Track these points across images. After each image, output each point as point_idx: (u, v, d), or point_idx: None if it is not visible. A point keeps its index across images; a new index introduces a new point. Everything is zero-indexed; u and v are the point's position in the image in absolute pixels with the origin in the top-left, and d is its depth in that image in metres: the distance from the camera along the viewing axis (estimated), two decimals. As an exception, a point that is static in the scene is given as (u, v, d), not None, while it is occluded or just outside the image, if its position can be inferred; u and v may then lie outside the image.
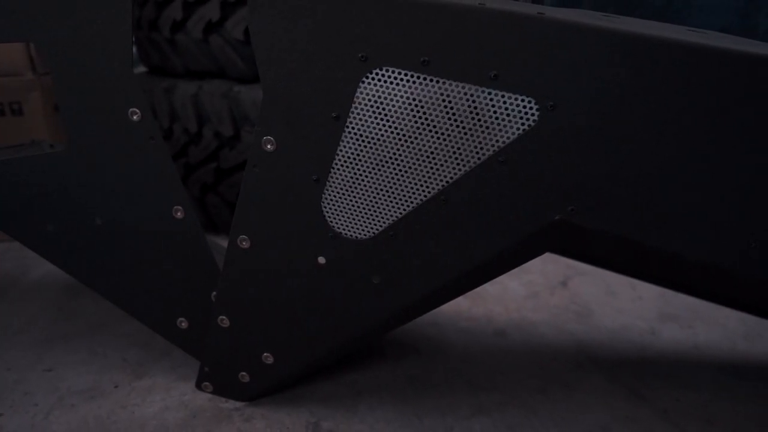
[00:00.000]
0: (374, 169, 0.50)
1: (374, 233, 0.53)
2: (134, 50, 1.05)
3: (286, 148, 0.52)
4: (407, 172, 0.50)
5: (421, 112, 0.47)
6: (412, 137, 0.48)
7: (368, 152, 0.50)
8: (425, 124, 0.48)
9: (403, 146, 0.49)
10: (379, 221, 0.52)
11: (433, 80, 0.46)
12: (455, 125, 0.47)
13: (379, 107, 0.48)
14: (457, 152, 0.48)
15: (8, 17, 0.55)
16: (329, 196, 0.53)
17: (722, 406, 0.68)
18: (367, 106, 0.49)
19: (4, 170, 0.62)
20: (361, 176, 0.51)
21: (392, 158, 0.49)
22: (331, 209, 0.53)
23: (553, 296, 0.95)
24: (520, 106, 0.45)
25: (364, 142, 0.50)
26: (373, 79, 0.48)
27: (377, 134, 0.49)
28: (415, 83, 0.47)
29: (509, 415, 0.64)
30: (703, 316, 0.90)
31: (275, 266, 0.57)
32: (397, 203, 0.51)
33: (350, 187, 0.52)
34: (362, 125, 0.49)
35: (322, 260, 0.55)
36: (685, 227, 0.45)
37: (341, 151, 0.51)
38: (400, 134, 0.49)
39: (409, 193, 0.50)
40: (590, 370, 0.74)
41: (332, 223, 0.54)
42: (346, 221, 0.53)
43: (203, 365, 0.65)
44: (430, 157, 0.49)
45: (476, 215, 0.49)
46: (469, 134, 0.47)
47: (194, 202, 1.15)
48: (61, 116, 0.59)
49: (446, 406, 0.66)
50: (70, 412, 0.63)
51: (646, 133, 0.44)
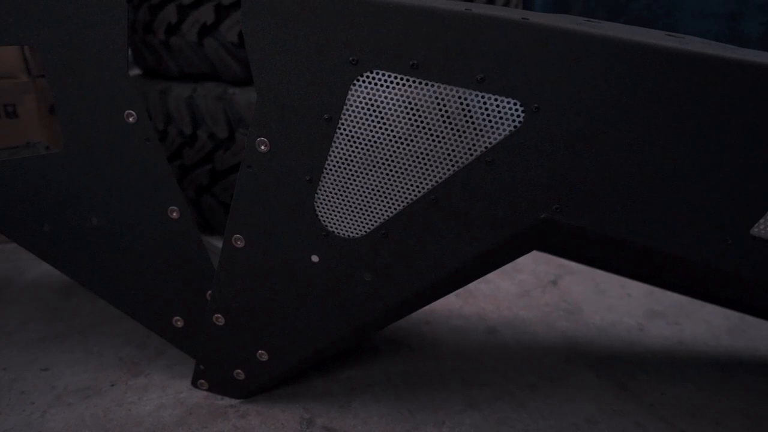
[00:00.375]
0: (366, 169, 0.52)
1: (366, 232, 0.54)
2: (129, 53, 1.06)
3: (279, 149, 0.53)
4: (398, 172, 0.51)
5: (410, 113, 0.49)
6: (402, 138, 0.50)
7: (360, 153, 0.51)
8: (415, 125, 0.49)
9: (393, 147, 0.50)
10: (370, 220, 0.53)
11: (422, 83, 0.48)
12: (444, 127, 0.48)
13: (369, 109, 0.50)
14: (446, 153, 0.49)
15: (4, 21, 0.56)
16: (322, 195, 0.54)
17: (706, 399, 0.69)
18: (358, 108, 0.50)
19: (1, 172, 0.63)
20: (352, 176, 0.52)
21: (383, 159, 0.51)
22: (323, 209, 0.54)
23: (544, 295, 0.97)
24: (506, 108, 0.47)
25: (355, 143, 0.51)
26: (363, 81, 0.49)
27: (368, 135, 0.51)
28: (404, 86, 0.48)
29: (499, 409, 0.66)
30: (689, 312, 0.92)
31: (269, 265, 0.58)
32: (388, 202, 0.52)
33: (342, 187, 0.53)
34: (354, 127, 0.51)
35: (315, 258, 0.56)
36: (665, 225, 0.47)
37: (333, 151, 0.52)
38: (390, 135, 0.50)
39: (399, 192, 0.52)
40: (579, 365, 0.76)
41: (325, 222, 0.55)
42: (338, 220, 0.54)
43: (198, 363, 0.66)
44: (419, 157, 0.50)
45: (465, 214, 0.51)
46: (457, 135, 0.48)
47: (189, 203, 1.16)
48: (57, 118, 0.59)
49: (438, 401, 0.67)
50: (66, 410, 0.64)
51: (626, 134, 0.45)
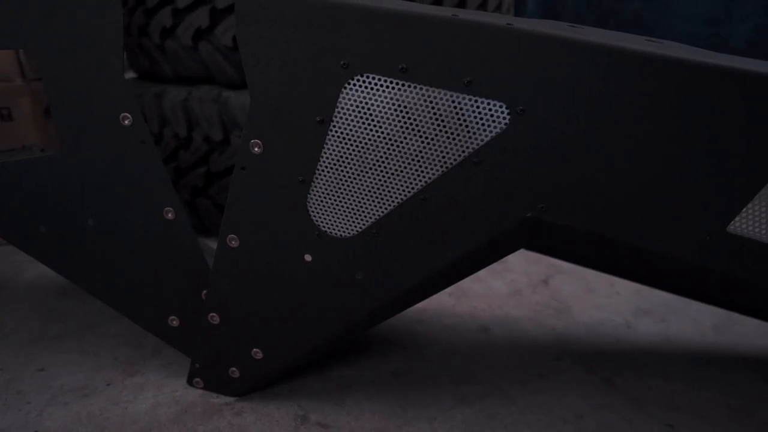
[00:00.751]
0: (357, 170, 0.53)
1: (357, 232, 0.55)
2: (124, 56, 1.07)
3: (273, 150, 0.55)
4: (388, 172, 0.52)
5: (400, 116, 0.50)
6: (392, 140, 0.51)
7: (351, 154, 0.53)
8: (404, 127, 0.51)
9: (383, 148, 0.52)
10: (362, 220, 0.55)
11: (411, 86, 0.49)
12: (433, 128, 0.50)
13: (360, 111, 0.51)
14: (434, 154, 0.51)
15: (1, 26, 0.57)
16: (314, 196, 0.55)
17: (690, 393, 0.71)
18: (349, 110, 0.51)
19: (-2, 174, 0.64)
20: (344, 177, 0.54)
21: (374, 160, 0.52)
22: (316, 209, 0.56)
23: (534, 294, 0.99)
24: (492, 110, 0.48)
25: (347, 144, 0.53)
26: (354, 85, 0.51)
27: (360, 137, 0.52)
28: (394, 89, 0.50)
29: (489, 404, 0.67)
30: (675, 310, 0.93)
31: (263, 264, 0.59)
32: (379, 202, 0.54)
33: (334, 187, 0.54)
34: (345, 129, 0.52)
35: (308, 258, 0.58)
36: (646, 223, 0.49)
37: (325, 153, 0.53)
38: (381, 137, 0.51)
39: (390, 192, 0.53)
40: (568, 362, 0.77)
41: (317, 222, 0.56)
42: (330, 220, 0.56)
43: (194, 362, 0.67)
44: (409, 158, 0.51)
45: (454, 213, 0.52)
46: (445, 137, 0.50)
47: (185, 204, 1.17)
48: (53, 121, 0.61)
49: (430, 397, 0.69)
50: (63, 409, 0.65)
51: (608, 135, 0.47)
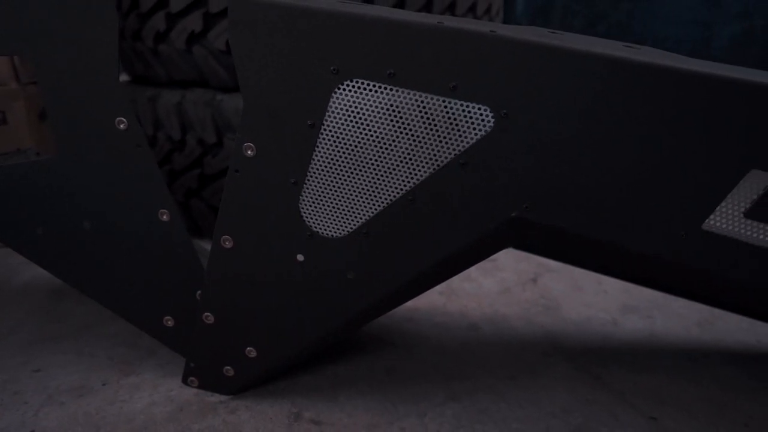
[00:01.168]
0: (347, 172, 0.55)
1: (348, 232, 0.57)
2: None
3: (265, 153, 0.56)
4: (377, 174, 0.54)
5: (388, 119, 0.52)
6: (381, 143, 0.53)
7: (341, 157, 0.54)
8: (393, 130, 0.52)
9: (373, 151, 0.53)
10: (352, 221, 0.56)
11: (399, 90, 0.51)
12: (420, 131, 0.52)
13: (350, 115, 0.53)
14: (422, 156, 0.52)
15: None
16: (306, 197, 0.57)
17: (675, 387, 0.73)
18: (339, 114, 0.53)
19: (-6, 177, 0.65)
20: (335, 179, 0.55)
21: (363, 162, 0.54)
22: (308, 210, 0.57)
23: (524, 292, 1.00)
24: (477, 113, 0.50)
25: (337, 147, 0.54)
26: (344, 89, 0.52)
27: (349, 140, 0.54)
28: (382, 93, 0.51)
29: (479, 400, 0.69)
30: (661, 307, 0.96)
31: (257, 264, 0.61)
32: (368, 204, 0.55)
33: (325, 189, 0.56)
34: (335, 132, 0.54)
35: (300, 258, 0.59)
36: (625, 221, 0.51)
37: (317, 156, 0.55)
38: (370, 140, 0.53)
39: (379, 194, 0.55)
40: (556, 358, 0.79)
41: (309, 223, 0.58)
42: (322, 221, 0.57)
43: (189, 361, 0.69)
44: (397, 160, 0.53)
45: (441, 213, 0.54)
46: (432, 139, 0.52)
47: (179, 206, 1.18)
48: (50, 125, 0.62)
49: (420, 394, 0.70)
50: (59, 409, 0.66)
51: (587, 138, 0.49)
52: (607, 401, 0.70)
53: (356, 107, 0.52)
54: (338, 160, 0.54)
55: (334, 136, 0.54)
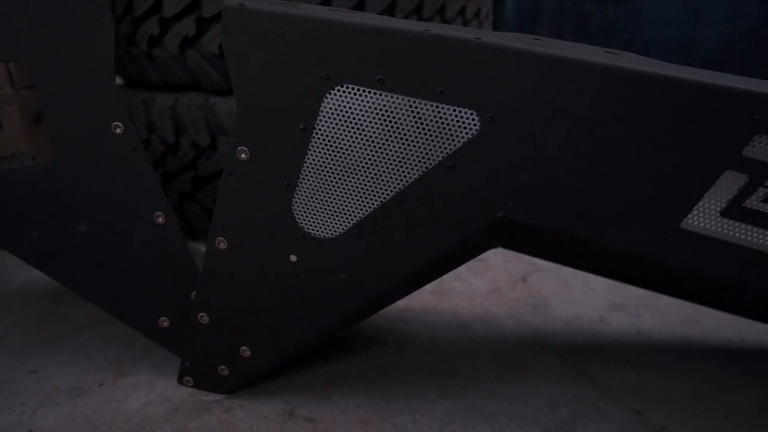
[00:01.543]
0: (338, 174, 0.56)
1: (339, 233, 0.58)
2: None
3: (259, 157, 0.58)
4: (367, 176, 0.56)
5: (378, 123, 0.54)
6: (370, 146, 0.54)
7: (333, 160, 0.56)
8: (382, 134, 0.54)
9: (363, 154, 0.55)
10: (343, 222, 0.58)
11: (388, 95, 0.53)
12: (409, 135, 0.53)
13: (341, 120, 0.54)
14: (411, 159, 0.54)
15: (-4, 39, 0.59)
16: (299, 199, 0.58)
17: (659, 382, 0.75)
18: (330, 118, 0.55)
19: (-9, 181, 0.65)
20: (326, 181, 0.57)
21: (354, 164, 0.55)
22: (300, 211, 0.59)
23: (513, 291, 1.02)
24: (463, 117, 0.52)
25: (328, 150, 0.56)
26: (335, 95, 0.54)
27: (340, 143, 0.55)
28: (372, 98, 0.53)
29: (469, 396, 0.71)
30: (647, 304, 0.98)
31: (250, 265, 0.62)
32: (359, 205, 0.57)
33: (317, 191, 0.57)
34: (327, 136, 0.55)
35: (293, 258, 0.61)
36: (608, 221, 0.53)
37: (309, 159, 0.56)
38: (360, 143, 0.55)
39: (369, 195, 0.56)
40: (544, 355, 0.81)
41: (302, 224, 0.59)
42: (314, 222, 0.59)
43: (184, 361, 0.70)
44: (387, 163, 0.55)
45: (430, 214, 0.56)
46: (421, 143, 0.53)
47: (173, 209, 1.19)
48: (46, 129, 0.63)
49: (412, 391, 0.72)
50: (56, 409, 0.67)
51: (569, 140, 0.51)
52: (593, 396, 0.71)
53: (347, 111, 0.54)
54: (329, 162, 0.56)
55: (325, 139, 0.55)
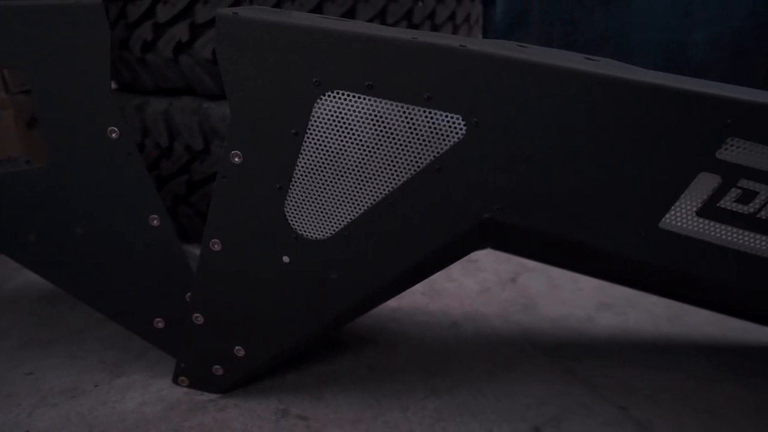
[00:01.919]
0: (329, 177, 0.58)
1: (331, 234, 0.60)
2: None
3: (252, 160, 0.59)
4: (357, 179, 0.57)
5: (367, 128, 0.55)
6: (361, 150, 0.56)
7: (324, 163, 0.57)
8: (372, 138, 0.55)
9: (353, 157, 0.57)
10: (334, 223, 0.60)
11: (377, 101, 0.54)
12: (398, 139, 0.55)
13: (331, 124, 0.56)
14: (399, 162, 0.56)
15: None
16: (291, 202, 0.60)
17: (644, 379, 0.77)
18: (321, 123, 0.56)
19: (-13, 185, 0.66)
20: (318, 184, 0.58)
21: (344, 168, 0.57)
22: (293, 213, 0.60)
23: (503, 291, 1.04)
24: (450, 122, 0.54)
25: (320, 154, 0.57)
26: (326, 100, 0.55)
27: (331, 147, 0.57)
28: (361, 103, 0.55)
29: (459, 394, 0.72)
30: (634, 303, 1.00)
31: (244, 266, 0.63)
32: (350, 207, 0.59)
33: (309, 193, 0.59)
34: (318, 140, 0.57)
35: (286, 259, 0.62)
36: (589, 221, 0.55)
37: (300, 162, 0.58)
38: (350, 147, 0.56)
39: (359, 198, 0.58)
40: (533, 354, 0.83)
41: (294, 225, 0.61)
42: (306, 224, 0.60)
43: (179, 361, 0.71)
44: (376, 166, 0.56)
45: (419, 215, 0.57)
46: (409, 146, 0.55)
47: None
48: (42, 134, 0.64)
49: (403, 389, 0.73)
50: (52, 410, 0.68)
51: (551, 144, 0.53)
52: (580, 393, 0.73)
53: (337, 117, 0.56)
54: (321, 166, 0.58)
55: (316, 143, 0.57)
